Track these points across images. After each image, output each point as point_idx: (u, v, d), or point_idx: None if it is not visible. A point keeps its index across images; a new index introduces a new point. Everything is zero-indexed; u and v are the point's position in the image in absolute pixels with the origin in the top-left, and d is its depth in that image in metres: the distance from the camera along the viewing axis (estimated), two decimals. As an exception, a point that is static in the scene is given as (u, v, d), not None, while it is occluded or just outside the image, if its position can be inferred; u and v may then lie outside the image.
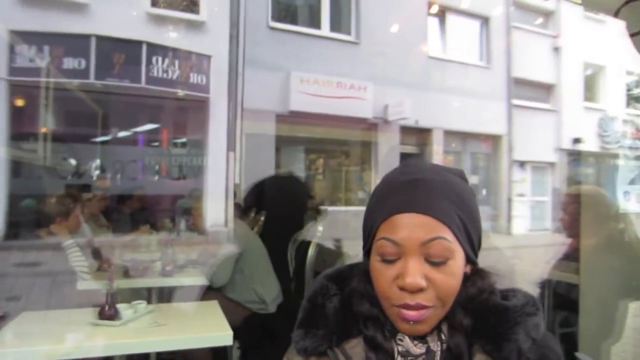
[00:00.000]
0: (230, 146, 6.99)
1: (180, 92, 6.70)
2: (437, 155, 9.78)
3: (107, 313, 1.84)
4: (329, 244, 3.37)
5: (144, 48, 6.65)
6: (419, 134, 9.93)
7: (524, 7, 11.79)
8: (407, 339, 0.74)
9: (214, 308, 2.17)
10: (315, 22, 8.77)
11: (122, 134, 7.35)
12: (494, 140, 11.02)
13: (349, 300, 0.78)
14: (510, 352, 0.71)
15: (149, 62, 6.67)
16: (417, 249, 0.69)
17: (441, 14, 10.44)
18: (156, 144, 7.84)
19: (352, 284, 0.79)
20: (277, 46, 8.01)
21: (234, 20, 7.23)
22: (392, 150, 9.34)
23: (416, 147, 10.04)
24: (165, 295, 2.95)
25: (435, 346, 0.74)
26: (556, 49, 12.38)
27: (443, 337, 0.75)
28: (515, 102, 10.99)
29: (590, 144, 12.20)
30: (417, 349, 0.74)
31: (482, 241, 0.78)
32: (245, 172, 6.83)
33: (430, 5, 10.06)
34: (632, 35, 2.91)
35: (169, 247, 2.84)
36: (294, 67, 8.08)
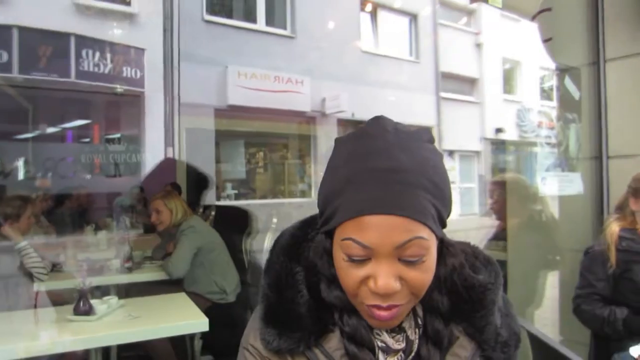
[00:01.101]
0: (168, 142, 6.82)
1: (119, 88, 6.45)
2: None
3: (82, 309, 1.87)
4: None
5: (73, 40, 6.31)
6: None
7: (449, 5, 12.43)
8: (384, 333, 0.70)
9: (183, 299, 2.25)
10: (251, 16, 8.75)
11: (50, 130, 6.95)
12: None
13: (316, 284, 0.71)
14: (489, 332, 0.71)
15: (78, 55, 6.34)
16: (391, 252, 0.60)
17: (373, 11, 10.76)
18: (87, 140, 7.48)
19: (316, 262, 0.71)
20: (213, 40, 7.91)
21: (168, 12, 7.04)
22: (330, 143, 9.51)
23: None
24: (123, 292, 2.93)
25: (413, 334, 0.70)
26: (478, 45, 13.17)
27: (419, 321, 0.71)
28: (443, 94, 11.60)
29: (510, 134, 13.13)
30: (397, 343, 0.70)
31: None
32: (183, 168, 6.70)
33: (362, 1, 10.33)
34: (545, 41, 3.24)
35: (126, 244, 2.82)
36: (231, 61, 8.02)
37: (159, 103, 6.89)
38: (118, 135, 7.32)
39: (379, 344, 0.69)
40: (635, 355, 1.53)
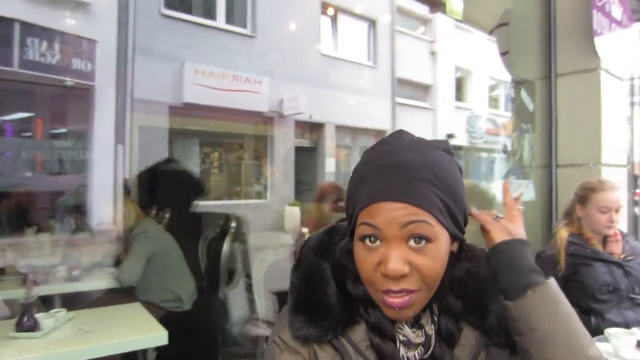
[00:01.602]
0: (120, 139, 6.56)
1: (69, 81, 6.15)
2: (331, 149, 10.16)
3: (26, 324, 1.70)
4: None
5: (17, 28, 5.96)
6: (313, 129, 10.22)
7: (407, 14, 12.69)
8: (407, 328, 0.74)
9: (138, 309, 2.12)
10: (210, 13, 8.57)
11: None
12: (381, 135, 11.72)
13: (343, 280, 0.76)
14: (492, 321, 0.75)
15: (23, 43, 5.99)
16: (398, 232, 0.66)
17: (334, 15, 10.83)
18: (29, 134, 7.06)
19: (342, 260, 0.77)
20: (170, 35, 7.68)
21: (124, 4, 6.78)
22: (288, 144, 9.51)
23: (310, 141, 10.33)
24: (70, 302, 2.75)
25: (431, 330, 0.75)
26: (433, 54, 13.54)
27: (436, 318, 0.76)
28: (399, 100, 11.82)
29: (461, 139, 13.57)
30: (418, 337, 0.74)
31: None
32: (136, 166, 6.47)
33: (323, 5, 10.37)
34: (502, 55, 3.37)
35: (74, 249, 2.66)
36: (188, 58, 7.82)
37: (110, 98, 6.62)
38: (64, 130, 6.97)
39: (401, 338, 0.74)
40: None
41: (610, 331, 1.64)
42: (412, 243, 0.66)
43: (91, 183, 6.37)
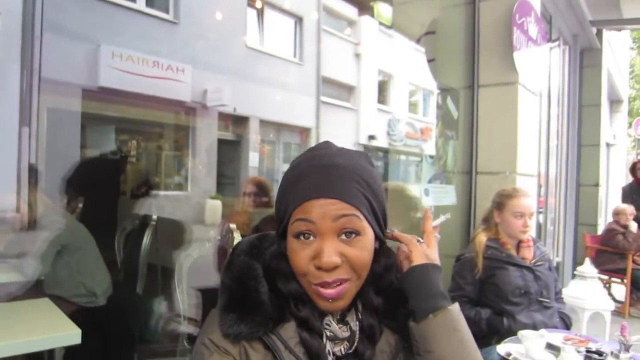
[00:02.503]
0: (24, 120, 5.99)
1: (-34, 53, 5.49)
2: (255, 144, 10.03)
3: None
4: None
5: None
6: (237, 122, 10.03)
7: (333, 13, 12.84)
8: (333, 323, 0.78)
9: (46, 305, 1.94)
10: (130, -6, 8.09)
11: None
12: (304, 132, 11.79)
13: (273, 280, 0.79)
14: (407, 326, 0.81)
15: None
16: (331, 225, 0.71)
17: (260, 8, 10.67)
18: None
19: (272, 263, 0.80)
20: (84, 13, 7.13)
21: (32, -25, 6.20)
22: (210, 136, 9.25)
23: (234, 134, 10.13)
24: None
25: (355, 325, 0.80)
26: (357, 55, 13.83)
27: (360, 315, 0.81)
28: (323, 98, 11.95)
29: (381, 141, 14.02)
30: (343, 332, 0.78)
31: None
32: (43, 151, 5.95)
33: (249, -4, 10.20)
34: (429, 62, 3.52)
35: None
36: (104, 40, 7.32)
37: (13, 75, 6.00)
38: (-43, 108, 6.25)
39: (328, 333, 0.78)
40: (502, 353, 1.72)
41: (522, 333, 1.76)
42: (343, 237, 0.73)
43: (-11, 167, 5.77)
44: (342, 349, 0.78)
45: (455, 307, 0.77)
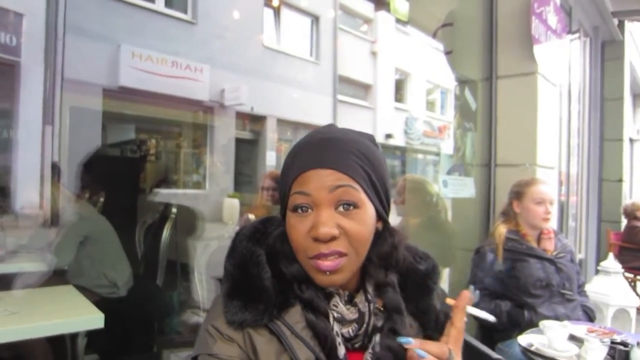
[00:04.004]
0: (47, 119, 6.13)
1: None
2: (272, 142, 10.07)
3: None
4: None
5: None
6: (254, 121, 10.08)
7: (350, 12, 12.83)
8: (340, 305, 0.77)
9: (70, 291, 1.99)
10: (149, -5, 8.20)
11: None
12: (322, 131, 11.76)
13: (277, 264, 0.78)
14: (431, 314, 0.82)
15: (-62, 11, 5.45)
16: (327, 196, 0.71)
17: (277, 7, 10.71)
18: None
19: (275, 245, 0.79)
20: (105, 15, 7.25)
21: (54, -23, 6.32)
22: (228, 135, 9.31)
23: (251, 133, 10.19)
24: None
25: (364, 307, 0.78)
26: (373, 54, 13.77)
27: (369, 296, 0.79)
28: (340, 97, 11.94)
29: (398, 139, 13.94)
30: (351, 314, 0.76)
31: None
32: (66, 149, 6.07)
33: (266, -5, 10.25)
34: (446, 54, 3.49)
35: (-1, 229, 2.46)
36: (124, 40, 7.43)
37: (37, 76, 6.15)
38: (-18, 107, 6.40)
39: (335, 314, 0.76)
40: (524, 344, 1.69)
41: (545, 323, 1.73)
42: (340, 209, 0.72)
43: (15, 164, 5.93)
44: (351, 331, 0.76)
45: None
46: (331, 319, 0.76)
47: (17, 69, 6.09)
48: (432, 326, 0.82)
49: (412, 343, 0.68)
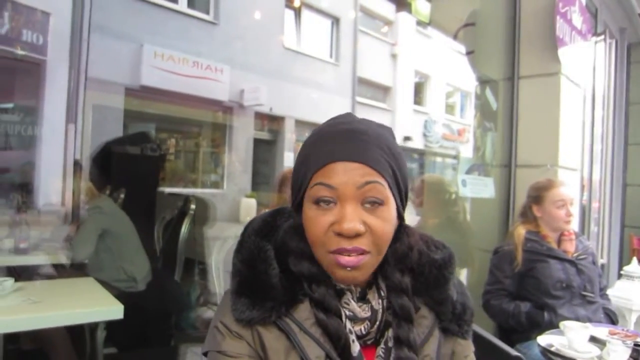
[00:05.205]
0: (71, 117, 6.24)
1: (20, 51, 5.78)
2: (290, 143, 10.10)
3: None
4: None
5: (-38, -7, 5.57)
6: (273, 122, 10.13)
7: (370, 14, 12.81)
8: (352, 302, 0.74)
9: (90, 283, 2.02)
10: (172, -5, 8.32)
11: None
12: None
13: (285, 260, 0.76)
14: (447, 305, 0.80)
15: (-32, 10, 5.60)
16: (353, 193, 0.68)
17: (297, 8, 10.76)
18: (-30, 107, 6.61)
19: (284, 240, 0.77)
20: (129, 15, 7.37)
21: (80, -22, 6.45)
22: (246, 135, 9.38)
23: (270, 133, 10.24)
24: (17, 276, 2.61)
25: (377, 304, 0.76)
26: (393, 56, 13.73)
27: (382, 293, 0.77)
28: (359, 99, 11.92)
29: (417, 142, 13.86)
30: (363, 312, 0.74)
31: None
32: (88, 146, 6.17)
33: (287, -3, 10.31)
34: (467, 54, 3.46)
35: (22, 222, 2.52)
36: (147, 40, 7.54)
37: (62, 74, 6.26)
38: (11, 105, 6.57)
39: (347, 312, 0.74)
40: (543, 344, 1.67)
41: (565, 323, 1.70)
42: (367, 205, 0.69)
43: (39, 161, 6.06)
44: (363, 329, 0.74)
45: None
46: (343, 317, 0.74)
47: (43, 67, 6.23)
48: (449, 317, 0.80)
49: None
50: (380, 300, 0.76)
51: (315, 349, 0.71)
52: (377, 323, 0.75)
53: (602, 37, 4.09)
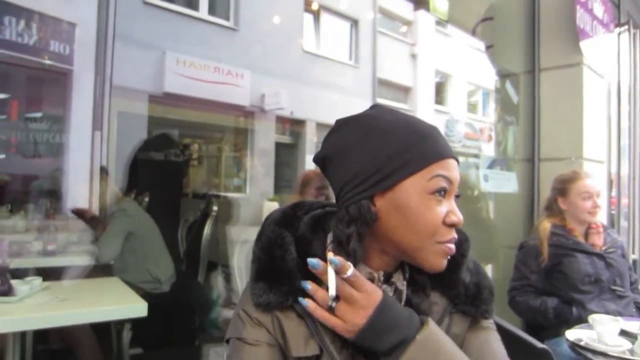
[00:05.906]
0: (97, 125, 6.40)
1: (47, 61, 5.97)
2: (311, 145, 10.13)
3: (1, 289, 1.66)
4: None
5: (-7, 6, 5.77)
6: (294, 125, 10.18)
7: (389, 14, 12.76)
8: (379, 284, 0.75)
9: (116, 282, 2.07)
10: (192, 3, 8.43)
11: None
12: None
13: (306, 248, 0.77)
14: (458, 288, 0.80)
15: (-1, 22, 5.80)
16: (455, 188, 0.74)
17: (316, 12, 10.80)
18: (3, 117, 6.83)
19: (304, 231, 0.79)
20: (152, 23, 7.54)
21: (104, -12, 6.61)
22: (268, 139, 9.45)
23: (291, 137, 10.29)
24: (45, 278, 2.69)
25: (401, 285, 0.78)
26: (413, 56, 13.63)
27: (407, 275, 0.79)
28: (379, 100, 11.87)
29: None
30: (388, 293, 0.75)
31: None
32: (114, 153, 6.32)
33: (306, 1, 10.34)
34: (487, 48, 3.42)
35: (50, 226, 2.60)
36: (169, 47, 7.68)
37: (88, 83, 6.43)
38: (40, 114, 6.77)
39: None
40: (572, 339, 1.63)
41: (594, 317, 1.66)
42: (455, 196, 0.75)
43: (67, 168, 6.22)
44: None
45: (425, 333, 0.69)
46: None
47: (70, 76, 6.40)
48: (463, 300, 0.80)
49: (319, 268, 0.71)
50: (404, 282, 0.79)
51: (333, 335, 0.72)
52: (402, 303, 0.77)
53: (626, 27, 3.98)
